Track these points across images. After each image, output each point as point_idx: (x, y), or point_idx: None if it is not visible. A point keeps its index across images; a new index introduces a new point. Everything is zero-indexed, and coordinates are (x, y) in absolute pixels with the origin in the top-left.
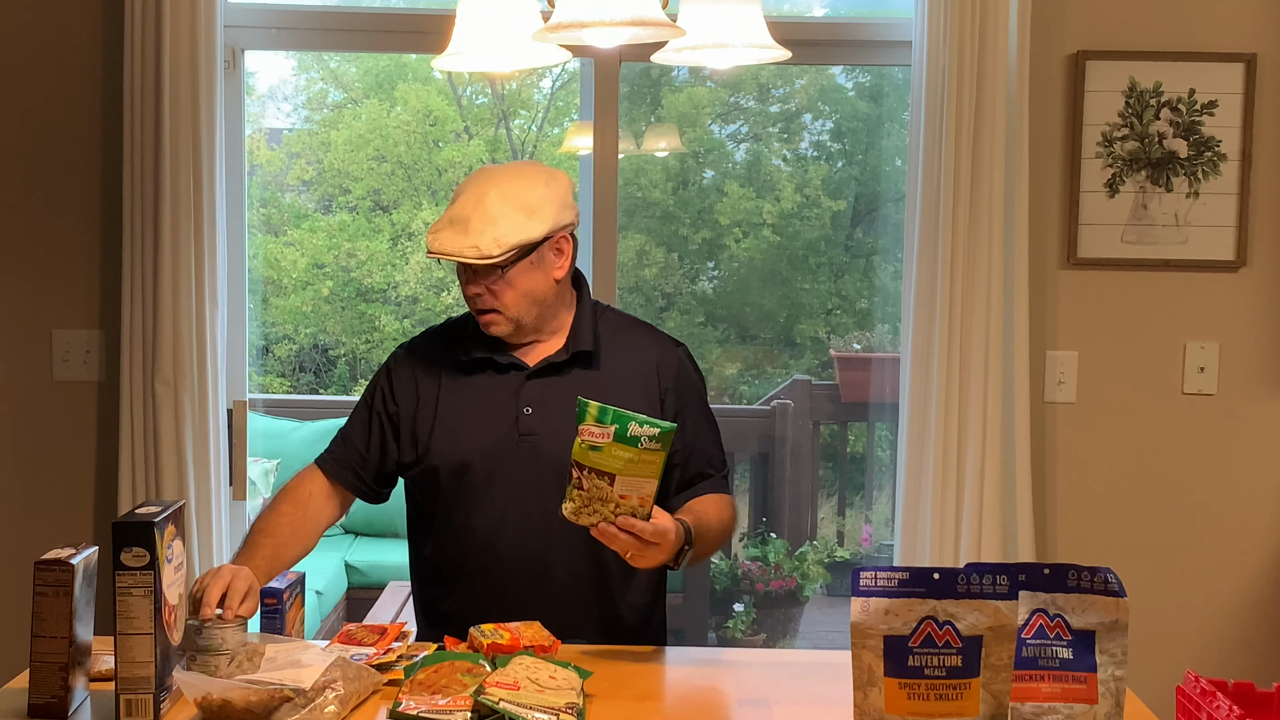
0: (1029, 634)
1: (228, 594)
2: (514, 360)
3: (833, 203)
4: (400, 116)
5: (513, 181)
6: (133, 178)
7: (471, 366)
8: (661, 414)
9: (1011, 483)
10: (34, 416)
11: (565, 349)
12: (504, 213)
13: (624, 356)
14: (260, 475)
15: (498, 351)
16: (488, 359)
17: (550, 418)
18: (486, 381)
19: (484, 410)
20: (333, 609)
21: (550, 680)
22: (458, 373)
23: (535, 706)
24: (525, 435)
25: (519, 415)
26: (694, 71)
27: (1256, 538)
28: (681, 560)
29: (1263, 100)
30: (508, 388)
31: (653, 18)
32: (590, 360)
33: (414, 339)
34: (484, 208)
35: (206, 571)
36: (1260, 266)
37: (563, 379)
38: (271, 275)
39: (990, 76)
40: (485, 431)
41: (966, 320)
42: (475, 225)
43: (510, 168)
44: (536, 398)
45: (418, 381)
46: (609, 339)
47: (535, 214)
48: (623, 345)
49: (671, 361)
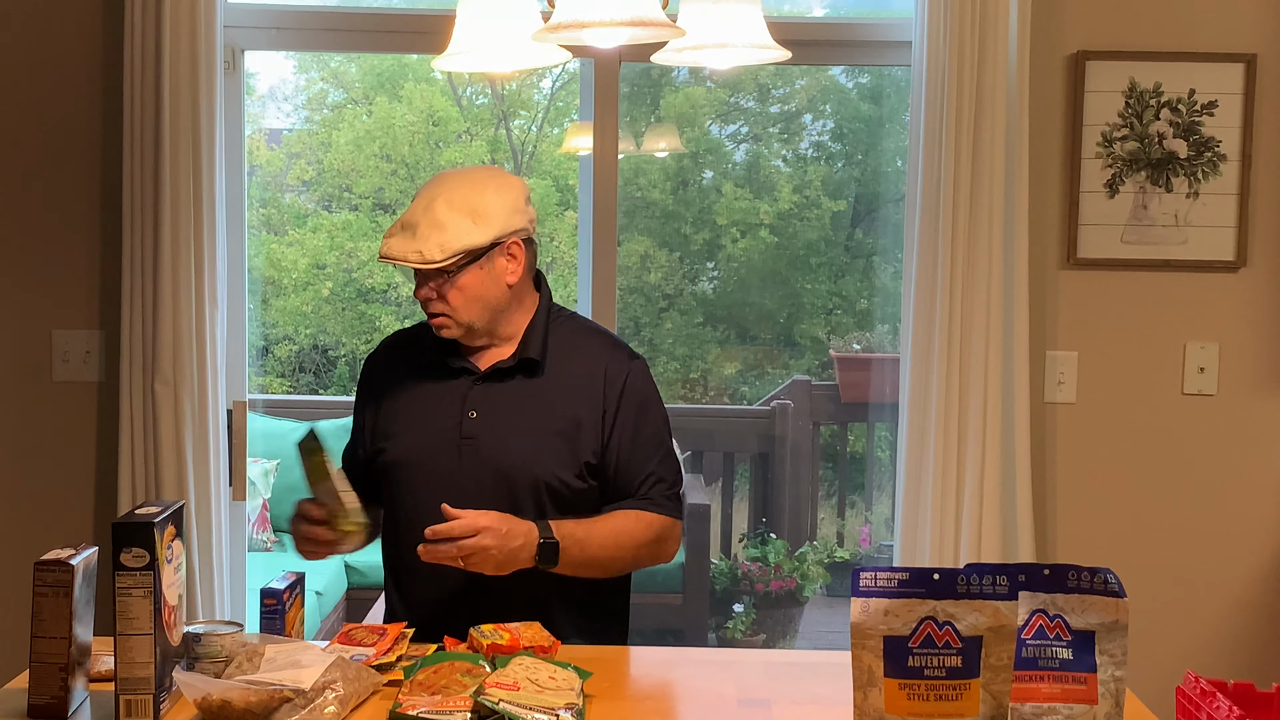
0: (1029, 634)
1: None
2: (465, 365)
3: (833, 203)
4: (405, 116)
5: (462, 187)
6: (133, 178)
7: (427, 369)
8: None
9: (1011, 483)
10: (34, 416)
11: (514, 355)
12: (451, 218)
13: (572, 365)
14: (260, 475)
15: (452, 355)
16: (441, 362)
17: (493, 423)
18: (438, 385)
19: (432, 412)
20: (333, 609)
21: (550, 680)
22: (414, 375)
23: (535, 707)
24: (466, 439)
25: (463, 419)
26: (694, 72)
27: (1256, 538)
28: (543, 557)
29: (1263, 100)
30: (456, 391)
31: (653, 18)
32: (536, 368)
33: (384, 341)
34: (432, 213)
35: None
36: (1260, 266)
37: (509, 385)
38: (272, 275)
39: (990, 76)
40: (430, 433)
41: (966, 320)
42: (423, 230)
43: (465, 173)
44: (481, 402)
45: (380, 382)
46: (560, 347)
47: (481, 219)
48: (573, 354)
49: (620, 373)
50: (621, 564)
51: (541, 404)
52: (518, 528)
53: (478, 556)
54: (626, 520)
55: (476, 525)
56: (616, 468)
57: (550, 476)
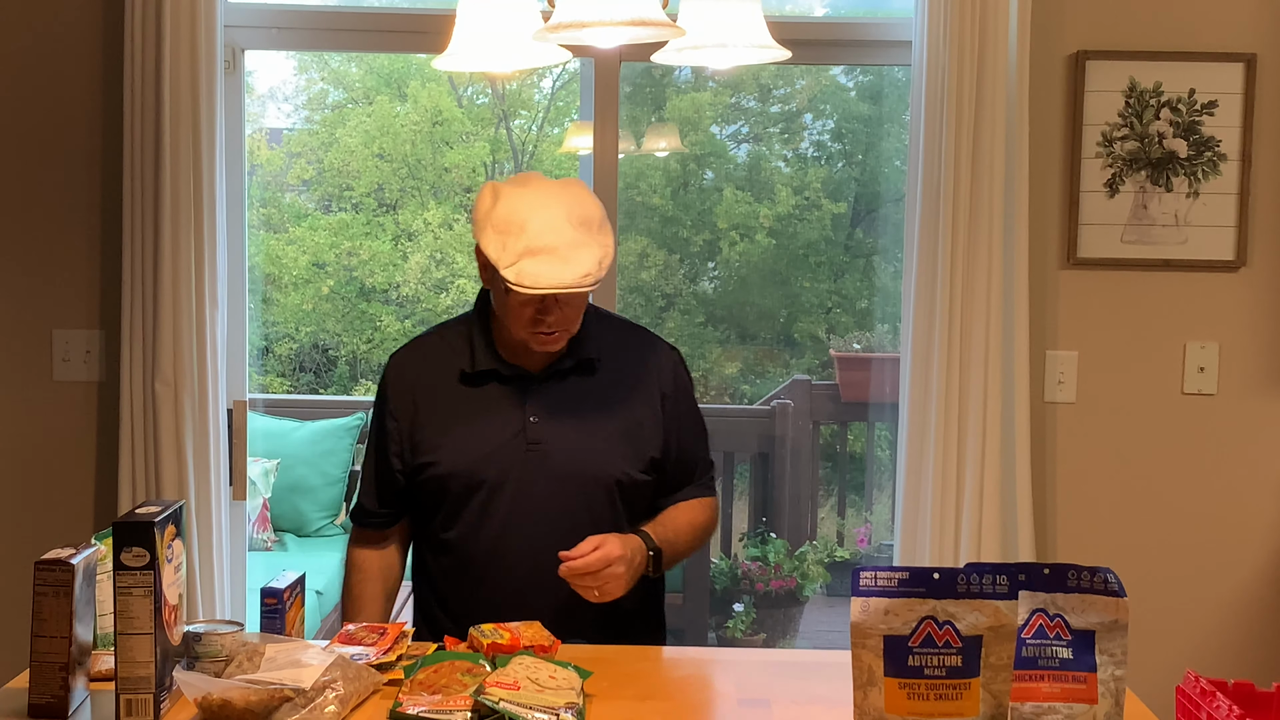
0: (1029, 634)
1: None
2: (519, 369)
3: (833, 204)
4: (409, 115)
5: (568, 199)
6: (133, 178)
7: (475, 377)
8: (659, 416)
9: (1011, 483)
10: (34, 416)
11: (569, 356)
12: (586, 235)
13: (624, 362)
14: (260, 475)
15: (499, 360)
16: (492, 370)
17: (558, 425)
18: (492, 391)
19: (489, 420)
20: (333, 609)
21: (550, 680)
22: (460, 383)
23: (535, 706)
24: (532, 444)
25: (525, 424)
26: (696, 74)
27: (1256, 538)
28: (654, 566)
29: (1263, 100)
30: (511, 396)
31: (653, 18)
32: (592, 367)
33: (405, 349)
34: (568, 233)
35: None
36: (1260, 266)
37: (565, 385)
38: (272, 272)
39: (990, 76)
40: (492, 441)
41: (966, 320)
42: (571, 253)
43: (547, 187)
44: (542, 405)
45: (416, 394)
46: (609, 344)
47: (605, 229)
48: (622, 350)
49: (668, 366)
50: (693, 552)
51: (601, 402)
52: (632, 543)
53: (613, 584)
54: (697, 512)
55: (610, 557)
56: (677, 458)
57: (621, 474)
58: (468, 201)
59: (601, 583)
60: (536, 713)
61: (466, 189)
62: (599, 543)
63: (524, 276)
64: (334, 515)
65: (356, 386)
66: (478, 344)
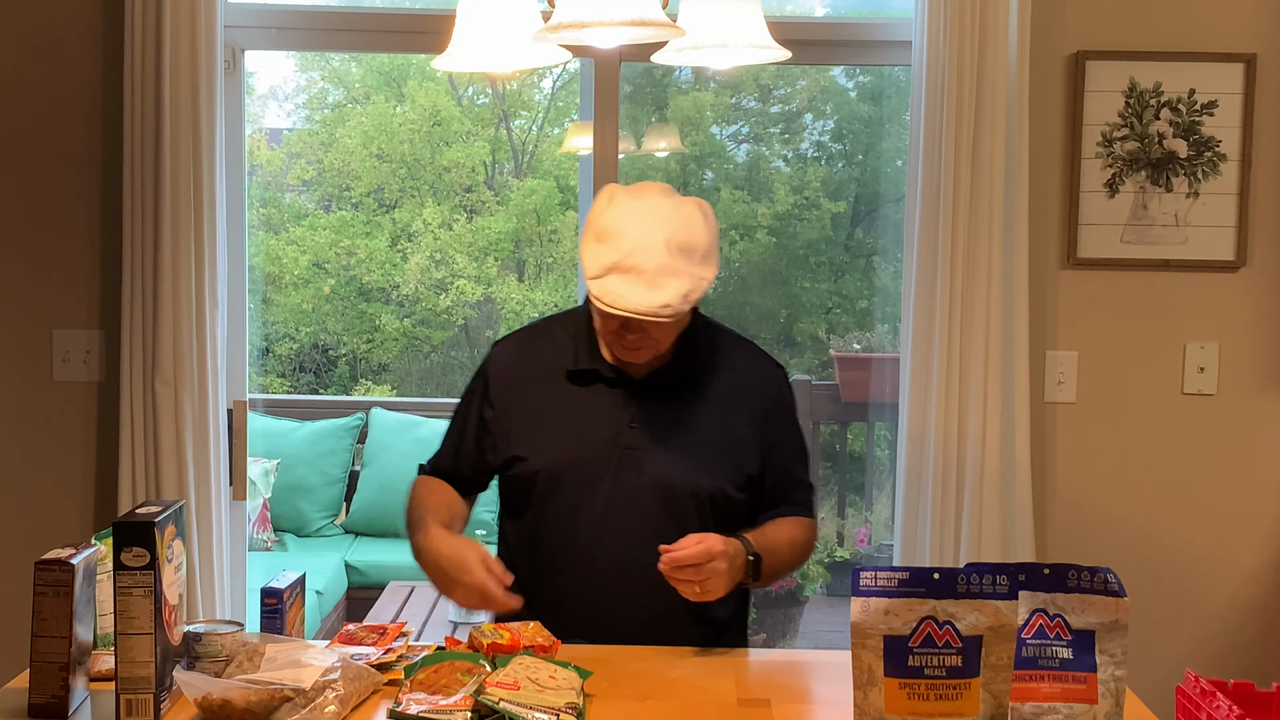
0: (1029, 634)
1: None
2: (622, 373)
3: (833, 204)
4: (407, 115)
5: (676, 222)
6: (133, 178)
7: (580, 375)
8: (759, 433)
9: (1011, 483)
10: (34, 416)
11: (674, 365)
12: (684, 262)
13: (728, 375)
14: (260, 475)
15: (604, 363)
16: (593, 371)
17: (655, 434)
18: (591, 392)
19: (587, 421)
20: (333, 609)
21: (550, 680)
22: (561, 380)
23: (535, 706)
24: (628, 449)
25: (623, 429)
26: (698, 75)
27: (1256, 538)
28: (750, 573)
29: (1263, 100)
30: (613, 400)
31: (653, 18)
32: (697, 377)
33: (512, 337)
34: (661, 258)
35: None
36: (1260, 266)
37: (670, 394)
38: (272, 272)
39: (990, 76)
40: (586, 442)
41: (966, 320)
42: (659, 280)
43: (661, 205)
44: (642, 412)
45: (517, 386)
46: (715, 356)
47: (708, 260)
48: (728, 363)
49: (773, 383)
50: (790, 571)
51: (701, 414)
52: (734, 544)
53: (714, 580)
54: (796, 529)
55: (713, 551)
56: (774, 478)
57: (714, 488)
58: (468, 201)
59: (704, 578)
60: (537, 713)
61: (467, 189)
62: (701, 538)
63: (605, 293)
64: (334, 515)
65: (356, 386)
66: (583, 343)
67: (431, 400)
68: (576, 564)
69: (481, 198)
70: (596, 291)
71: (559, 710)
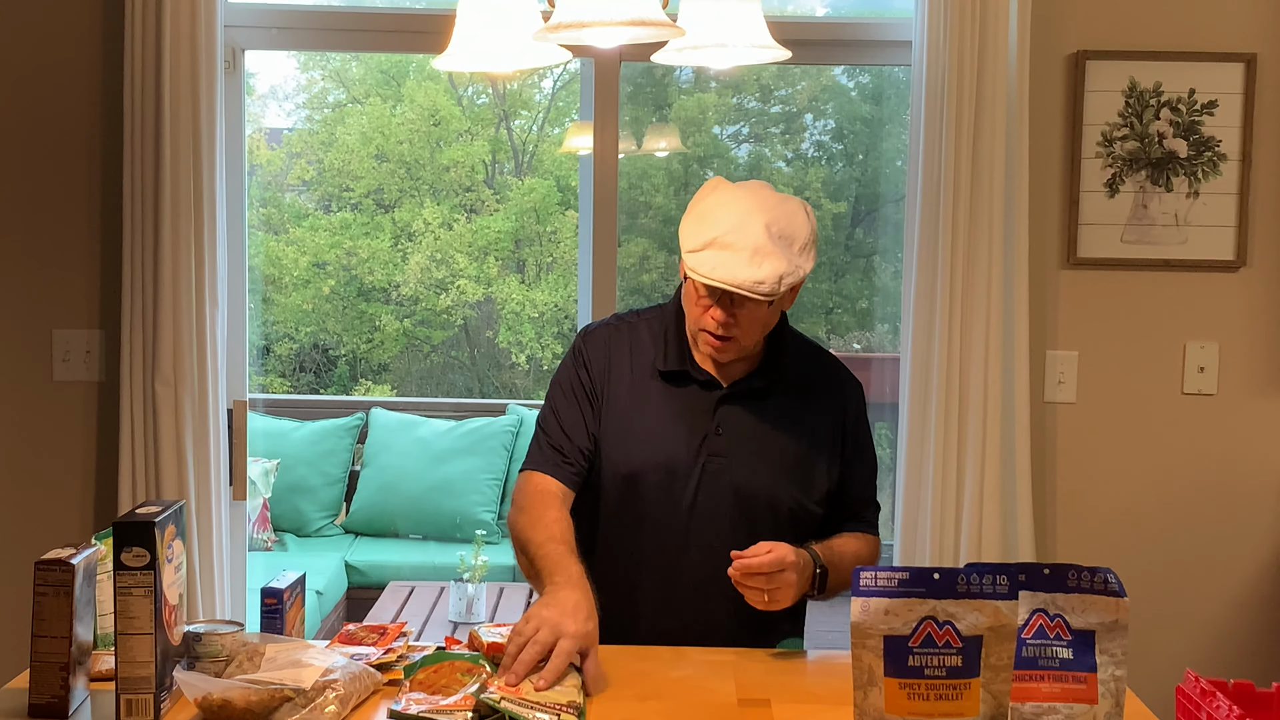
0: (1029, 634)
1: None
2: (711, 378)
3: (833, 204)
4: (406, 115)
5: (778, 212)
6: (133, 178)
7: (668, 376)
8: (837, 448)
9: (1011, 483)
10: (34, 416)
11: (762, 374)
12: (782, 248)
13: (811, 388)
14: (260, 475)
15: (694, 365)
16: (684, 371)
17: (740, 442)
18: (678, 394)
19: (672, 423)
20: (333, 609)
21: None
22: (646, 377)
23: (537, 705)
24: (713, 456)
25: (708, 435)
26: (698, 74)
27: (1256, 538)
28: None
29: (1263, 100)
30: (701, 405)
31: (653, 18)
32: (783, 389)
33: (602, 324)
34: (760, 239)
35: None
36: (1260, 266)
37: (758, 404)
38: (272, 274)
39: (990, 76)
40: (669, 445)
41: (966, 320)
42: (756, 258)
43: (764, 195)
44: (728, 419)
45: (611, 375)
46: (799, 368)
47: (805, 251)
48: (812, 376)
49: (853, 398)
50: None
51: (785, 426)
52: (804, 557)
53: (783, 591)
54: (862, 545)
55: (785, 561)
56: (847, 493)
57: (793, 501)
58: (468, 201)
59: (773, 587)
60: (538, 711)
61: (466, 188)
62: (772, 547)
63: (701, 263)
64: (334, 515)
65: (356, 386)
66: (672, 342)
67: (431, 400)
68: (654, 570)
69: (481, 197)
70: (693, 263)
71: (560, 708)
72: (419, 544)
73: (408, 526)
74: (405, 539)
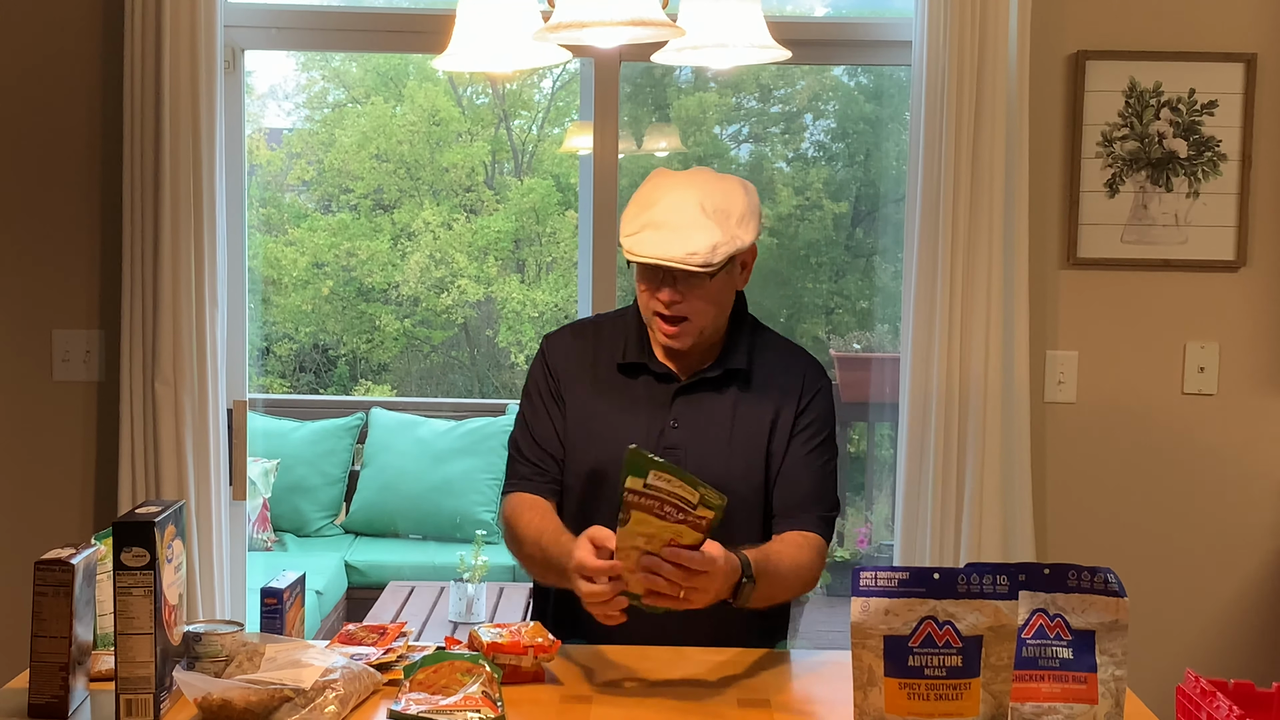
0: (1029, 634)
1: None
2: (668, 370)
3: (834, 204)
4: (406, 115)
5: (712, 189)
6: (133, 178)
7: (625, 370)
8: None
9: (1011, 483)
10: (34, 416)
11: (718, 364)
12: (717, 221)
13: (771, 379)
14: (260, 475)
15: (653, 358)
16: (642, 365)
17: (696, 434)
18: (636, 388)
19: (629, 418)
20: (333, 609)
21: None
22: (606, 374)
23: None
24: (669, 449)
25: (665, 428)
26: (698, 75)
27: (1256, 538)
28: (740, 595)
29: (1263, 100)
30: (657, 398)
31: (653, 18)
32: (738, 379)
33: (566, 327)
34: (693, 214)
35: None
36: (1260, 266)
37: (714, 395)
38: (272, 274)
39: (990, 76)
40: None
41: (966, 320)
42: (688, 232)
43: (702, 177)
44: (684, 412)
45: (568, 371)
46: (759, 359)
47: (744, 223)
48: (774, 366)
49: (814, 391)
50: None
51: (741, 416)
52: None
53: (697, 595)
54: (803, 552)
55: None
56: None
57: (749, 491)
58: (467, 201)
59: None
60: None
61: (466, 188)
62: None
63: (636, 245)
64: (334, 515)
65: (356, 386)
66: (632, 337)
67: (431, 400)
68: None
69: (481, 197)
70: (629, 245)
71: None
72: (419, 544)
73: (407, 526)
74: (405, 539)
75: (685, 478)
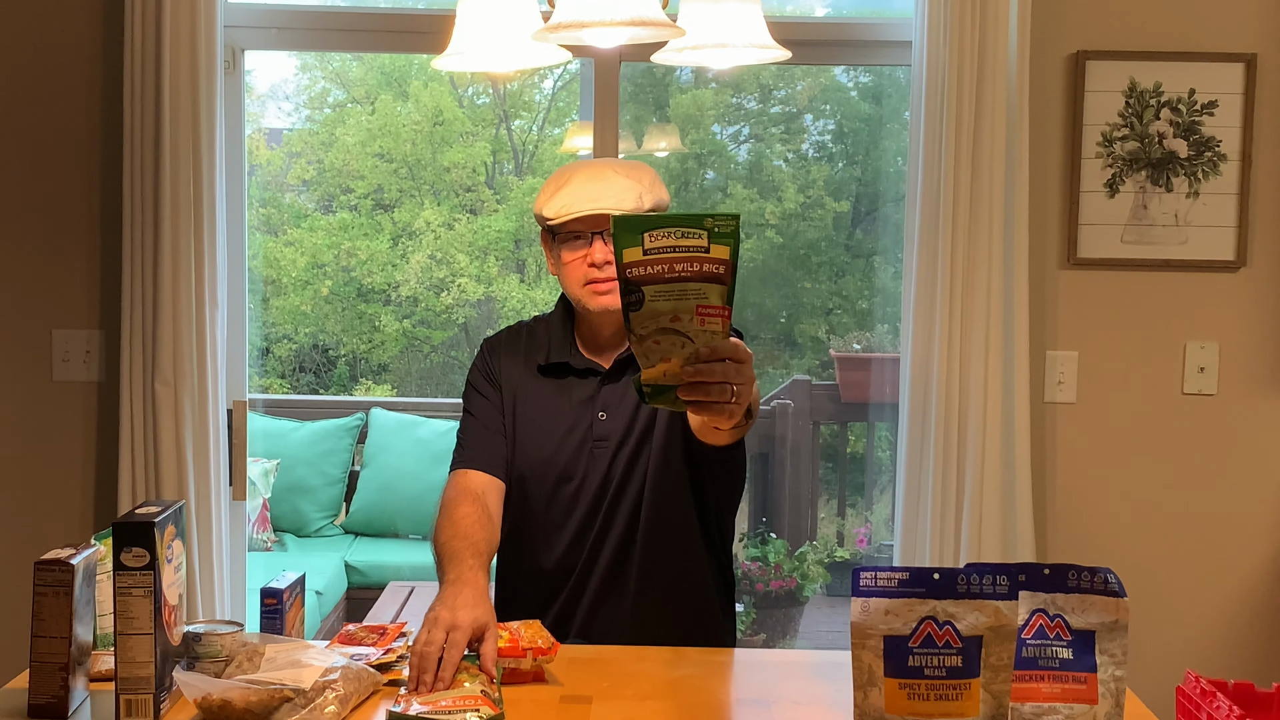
0: (1029, 634)
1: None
2: (591, 364)
3: (835, 204)
4: (408, 115)
5: (619, 161)
6: (133, 178)
7: (548, 371)
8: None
9: (1011, 483)
10: (34, 416)
11: None
12: (632, 179)
13: None
14: (260, 475)
15: (577, 354)
16: (565, 364)
17: (626, 420)
18: (562, 386)
19: (558, 416)
20: (333, 609)
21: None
22: (533, 377)
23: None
24: (598, 441)
25: (593, 421)
26: (698, 74)
27: (1256, 538)
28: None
29: (1263, 100)
30: (583, 393)
31: (653, 18)
32: None
33: (497, 335)
34: (610, 174)
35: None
36: (1260, 266)
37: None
38: (271, 275)
39: (990, 76)
40: (557, 438)
41: (966, 320)
42: (611, 184)
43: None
44: (611, 402)
45: (502, 373)
46: None
47: (655, 185)
48: None
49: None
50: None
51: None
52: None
53: (745, 386)
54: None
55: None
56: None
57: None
58: (468, 201)
59: (742, 380)
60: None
61: (467, 189)
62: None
63: (564, 207)
64: (334, 515)
65: (356, 386)
66: (555, 337)
67: (431, 400)
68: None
69: (482, 197)
70: (550, 213)
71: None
72: (419, 544)
73: (408, 526)
74: (405, 539)
75: (683, 220)
